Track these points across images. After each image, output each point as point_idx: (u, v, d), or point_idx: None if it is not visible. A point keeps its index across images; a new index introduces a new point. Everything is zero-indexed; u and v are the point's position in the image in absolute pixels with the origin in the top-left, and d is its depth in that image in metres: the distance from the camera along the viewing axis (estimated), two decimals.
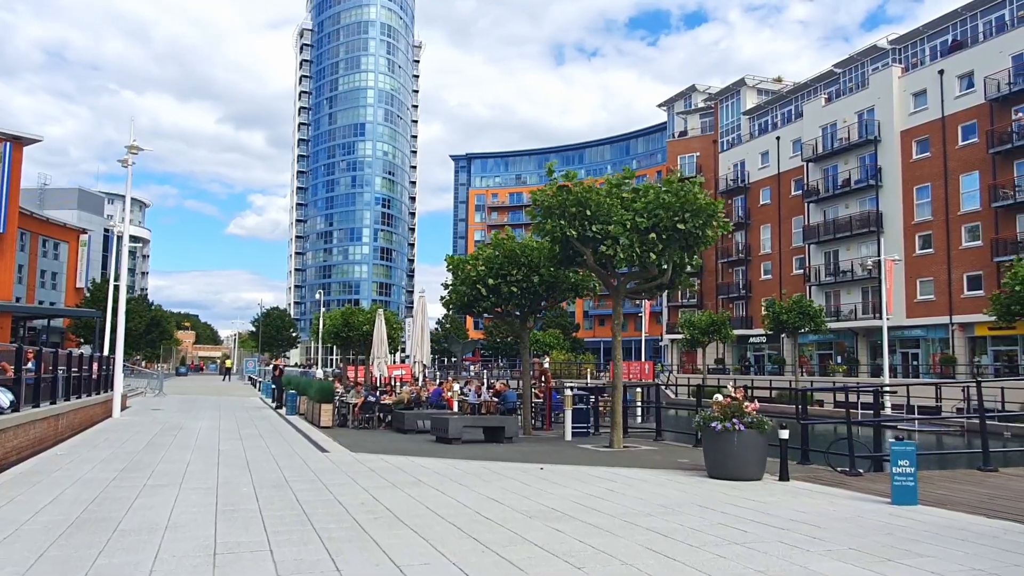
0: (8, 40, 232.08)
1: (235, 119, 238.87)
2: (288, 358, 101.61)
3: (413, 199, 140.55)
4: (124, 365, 45.10)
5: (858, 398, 22.99)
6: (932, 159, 45.17)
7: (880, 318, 47.66)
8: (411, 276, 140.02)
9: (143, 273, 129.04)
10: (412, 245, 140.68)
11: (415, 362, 27.19)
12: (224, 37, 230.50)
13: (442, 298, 19.85)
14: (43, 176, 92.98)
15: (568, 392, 17.01)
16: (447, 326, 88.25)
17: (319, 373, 50.10)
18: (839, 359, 51.17)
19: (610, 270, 15.34)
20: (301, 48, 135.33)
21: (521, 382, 32.27)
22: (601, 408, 19.75)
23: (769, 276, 58.63)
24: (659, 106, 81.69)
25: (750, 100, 66.06)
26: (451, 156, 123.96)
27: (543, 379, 21.22)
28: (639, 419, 25.79)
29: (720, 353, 60.62)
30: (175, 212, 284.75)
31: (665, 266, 14.37)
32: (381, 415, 21.06)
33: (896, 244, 45.27)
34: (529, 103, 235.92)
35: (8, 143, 45.34)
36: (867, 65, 52.97)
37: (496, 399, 23.36)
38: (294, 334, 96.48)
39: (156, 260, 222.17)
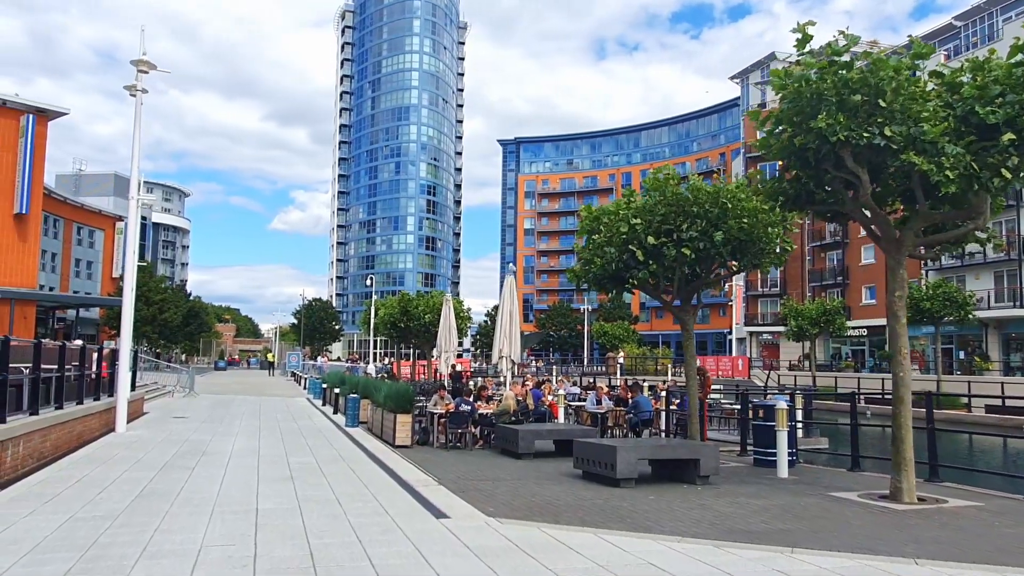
0: (61, 42, 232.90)
1: (278, 116, 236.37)
2: (331, 352, 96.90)
3: (459, 187, 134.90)
4: (149, 360, 40.24)
5: None
6: None
7: (1019, 306, 40.99)
8: (456, 267, 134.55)
9: (183, 264, 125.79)
10: (457, 235, 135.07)
11: (501, 357, 21.44)
12: (269, 35, 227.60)
13: (571, 270, 14.04)
14: (79, 161, 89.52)
15: (783, 405, 11.14)
16: (495, 316, 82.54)
17: (371, 369, 44.66)
18: (962, 354, 44.35)
19: (881, 207, 9.47)
20: (343, 31, 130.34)
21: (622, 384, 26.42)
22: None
23: (872, 260, 51.66)
24: (731, 78, 75.11)
25: None
26: (499, 141, 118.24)
27: (701, 381, 15.33)
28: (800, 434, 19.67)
29: (805, 349, 53.86)
30: (220, 208, 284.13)
31: (1017, 186, 8.48)
32: (477, 431, 15.48)
33: None
34: (570, 98, 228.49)
35: (31, 115, 40.82)
36: (996, 15, 45.85)
37: (623, 407, 17.64)
38: (337, 327, 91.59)
39: (200, 255, 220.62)
